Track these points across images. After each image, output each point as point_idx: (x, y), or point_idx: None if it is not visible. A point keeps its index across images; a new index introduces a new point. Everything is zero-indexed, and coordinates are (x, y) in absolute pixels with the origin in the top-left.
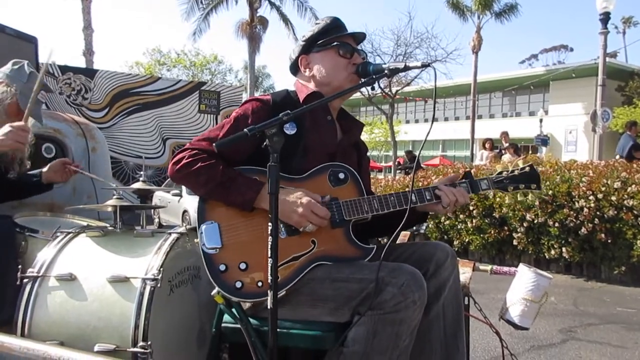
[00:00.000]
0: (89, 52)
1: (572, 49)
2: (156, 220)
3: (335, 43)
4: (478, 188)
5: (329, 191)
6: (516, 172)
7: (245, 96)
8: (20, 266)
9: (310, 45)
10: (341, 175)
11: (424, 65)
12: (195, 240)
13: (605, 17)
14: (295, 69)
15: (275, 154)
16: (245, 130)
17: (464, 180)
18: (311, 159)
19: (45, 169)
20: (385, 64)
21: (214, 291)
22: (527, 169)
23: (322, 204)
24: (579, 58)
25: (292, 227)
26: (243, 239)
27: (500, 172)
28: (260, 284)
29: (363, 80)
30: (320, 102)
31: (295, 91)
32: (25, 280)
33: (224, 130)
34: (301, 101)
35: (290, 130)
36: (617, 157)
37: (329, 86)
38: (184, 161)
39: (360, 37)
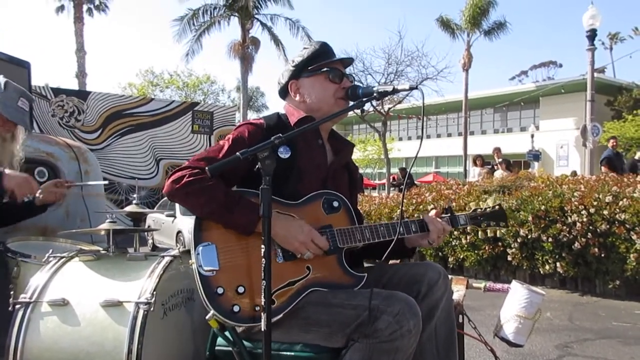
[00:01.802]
0: (81, 74)
1: (560, 65)
2: (150, 241)
3: (325, 69)
4: (457, 223)
5: (322, 218)
6: (488, 210)
7: (238, 116)
8: (12, 292)
9: (299, 71)
10: (335, 204)
11: (412, 88)
12: (190, 261)
13: (592, 34)
14: (284, 93)
15: (267, 176)
16: (237, 154)
17: (445, 214)
18: (305, 183)
19: (38, 192)
20: (374, 87)
21: (209, 315)
22: (497, 207)
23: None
24: (567, 74)
25: (289, 253)
26: (241, 262)
27: (475, 209)
28: (257, 308)
29: (352, 102)
30: (311, 126)
31: (285, 114)
32: (17, 306)
33: (223, 151)
34: (292, 125)
35: (284, 154)
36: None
37: (319, 111)
38: (185, 180)
39: (348, 62)
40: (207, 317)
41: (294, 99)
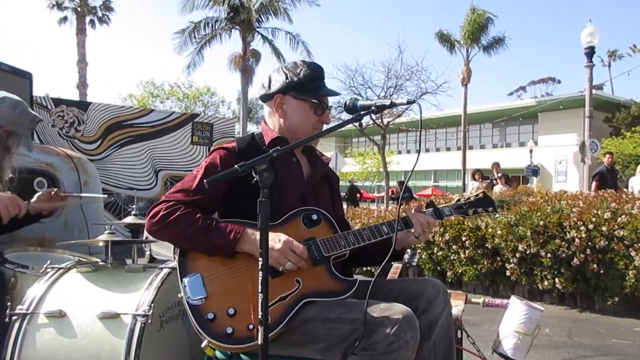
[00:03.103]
0: (82, 84)
1: (559, 81)
2: (147, 252)
3: (314, 101)
4: (442, 214)
5: (304, 233)
6: (472, 199)
7: (238, 127)
8: (9, 303)
9: (290, 88)
10: (314, 217)
11: (409, 102)
12: (179, 295)
13: (590, 51)
14: (266, 98)
15: (265, 189)
16: (236, 166)
17: (428, 209)
18: (285, 201)
19: (33, 200)
20: (372, 100)
21: (204, 343)
22: (481, 195)
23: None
24: (566, 90)
25: (273, 269)
26: (228, 285)
27: (459, 199)
28: (250, 326)
29: (351, 116)
30: (298, 145)
31: (260, 134)
32: (14, 318)
33: (197, 180)
34: (266, 144)
35: None
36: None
37: (294, 134)
38: (161, 213)
39: (334, 95)
40: (202, 346)
41: (273, 114)
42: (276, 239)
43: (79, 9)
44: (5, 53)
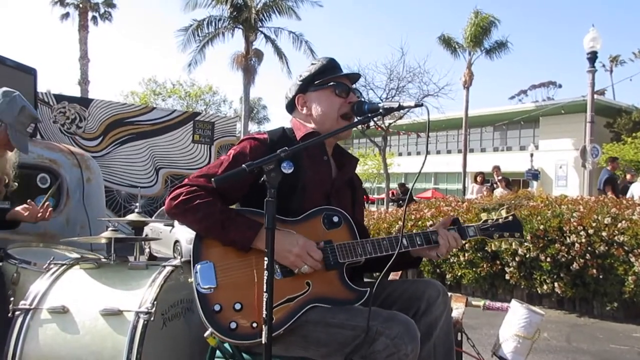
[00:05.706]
0: (84, 81)
1: (560, 86)
2: (147, 250)
3: (331, 83)
4: (466, 234)
5: (323, 234)
6: (500, 221)
7: (239, 126)
8: (12, 298)
9: (307, 85)
10: (335, 219)
11: (417, 105)
12: (189, 279)
13: (593, 56)
14: (291, 107)
15: (272, 189)
16: (243, 166)
17: (452, 227)
18: (308, 199)
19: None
20: (380, 102)
21: (207, 332)
22: (511, 218)
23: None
24: (567, 94)
25: (287, 269)
26: (238, 279)
27: (486, 220)
28: (255, 324)
29: (358, 118)
30: (317, 140)
31: (291, 128)
32: (17, 313)
33: (223, 167)
34: (298, 139)
35: (287, 169)
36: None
37: (322, 125)
38: (182, 197)
39: (355, 77)
40: (205, 335)
41: (300, 113)
42: (294, 242)
43: (80, 5)
44: (7, 48)
